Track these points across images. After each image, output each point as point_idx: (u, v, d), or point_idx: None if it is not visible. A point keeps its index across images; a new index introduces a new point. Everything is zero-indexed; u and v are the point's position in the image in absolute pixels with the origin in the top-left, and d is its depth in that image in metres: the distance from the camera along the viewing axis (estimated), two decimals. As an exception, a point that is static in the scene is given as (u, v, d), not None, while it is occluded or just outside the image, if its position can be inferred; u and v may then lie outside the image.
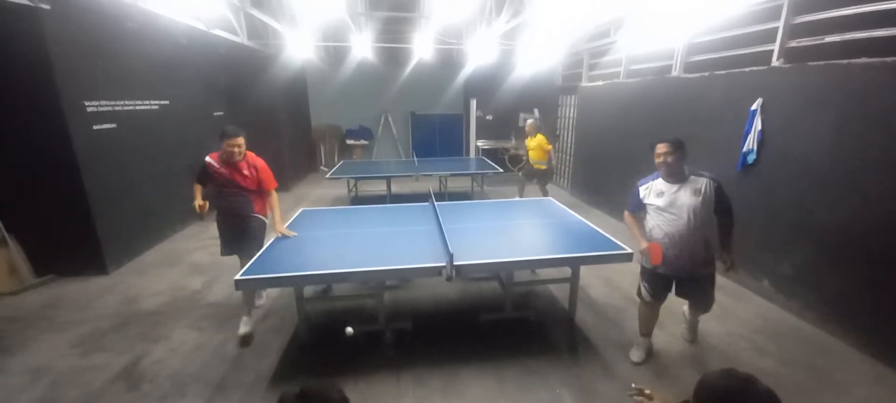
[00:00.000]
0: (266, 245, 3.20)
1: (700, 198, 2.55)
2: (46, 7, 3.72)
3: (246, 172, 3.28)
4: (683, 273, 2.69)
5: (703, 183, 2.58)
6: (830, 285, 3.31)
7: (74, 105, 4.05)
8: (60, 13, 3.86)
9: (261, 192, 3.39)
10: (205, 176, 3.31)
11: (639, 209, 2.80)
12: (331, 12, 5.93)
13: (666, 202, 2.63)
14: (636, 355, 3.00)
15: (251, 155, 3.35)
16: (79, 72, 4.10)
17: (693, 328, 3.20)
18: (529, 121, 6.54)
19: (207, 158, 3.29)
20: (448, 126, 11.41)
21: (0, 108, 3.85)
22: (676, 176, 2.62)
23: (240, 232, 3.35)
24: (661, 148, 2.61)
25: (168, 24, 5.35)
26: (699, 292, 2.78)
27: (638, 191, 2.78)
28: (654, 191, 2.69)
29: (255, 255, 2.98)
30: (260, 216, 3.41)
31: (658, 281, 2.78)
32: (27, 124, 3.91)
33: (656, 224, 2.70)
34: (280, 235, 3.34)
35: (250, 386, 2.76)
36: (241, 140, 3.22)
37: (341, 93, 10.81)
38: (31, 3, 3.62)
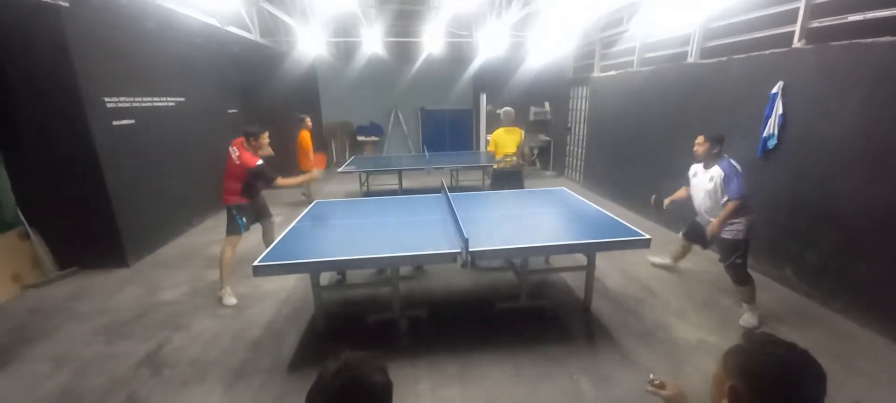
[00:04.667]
0: (284, 232, 3.24)
1: (712, 183, 3.22)
2: (65, 4, 3.79)
3: None
4: (702, 226, 3.49)
5: (717, 172, 3.19)
6: (858, 273, 3.21)
7: (94, 101, 4.13)
8: (79, 10, 3.93)
9: None
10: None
11: (687, 182, 3.59)
12: (342, 5, 5.92)
13: (693, 181, 3.47)
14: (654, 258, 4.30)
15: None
16: (98, 68, 4.17)
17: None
18: (504, 110, 4.89)
19: (260, 162, 3.63)
20: (458, 121, 11.38)
21: (22, 104, 3.94)
22: (705, 162, 3.33)
23: (261, 205, 4.04)
24: (697, 140, 3.31)
25: (184, 21, 5.42)
26: (716, 245, 3.41)
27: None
28: (693, 170, 3.49)
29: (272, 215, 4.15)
30: None
31: (691, 226, 3.74)
32: (49, 119, 3.99)
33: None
34: None
35: (269, 371, 2.79)
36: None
37: (351, 89, 10.85)
38: (50, 1, 3.69)
